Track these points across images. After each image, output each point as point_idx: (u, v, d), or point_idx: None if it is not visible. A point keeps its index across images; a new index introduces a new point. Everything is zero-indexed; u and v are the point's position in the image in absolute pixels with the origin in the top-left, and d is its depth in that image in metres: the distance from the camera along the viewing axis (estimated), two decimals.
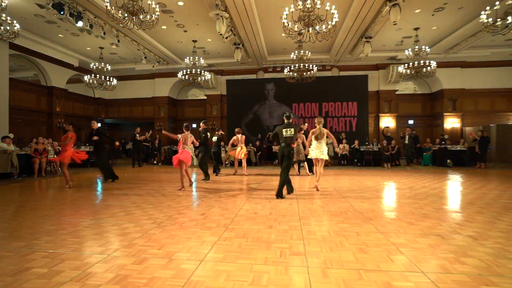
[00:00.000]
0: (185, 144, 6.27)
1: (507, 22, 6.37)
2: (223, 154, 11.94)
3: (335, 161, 12.89)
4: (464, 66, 14.48)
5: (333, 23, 7.36)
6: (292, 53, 11.63)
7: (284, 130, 5.31)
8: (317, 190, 5.87)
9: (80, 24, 8.90)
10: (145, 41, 12.10)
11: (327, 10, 7.16)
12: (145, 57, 13.02)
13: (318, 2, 6.82)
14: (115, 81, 13.43)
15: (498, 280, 2.04)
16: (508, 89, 14.66)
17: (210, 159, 9.08)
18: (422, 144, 12.83)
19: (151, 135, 13.60)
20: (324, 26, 7.40)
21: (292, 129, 5.29)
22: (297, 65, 11.71)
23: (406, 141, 12.11)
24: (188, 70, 12.43)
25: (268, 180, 7.60)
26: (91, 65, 12.69)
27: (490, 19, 6.79)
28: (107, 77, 13.10)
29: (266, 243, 2.80)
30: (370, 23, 10.41)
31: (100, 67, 12.40)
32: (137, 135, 11.96)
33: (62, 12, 8.17)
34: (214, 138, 9.25)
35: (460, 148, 11.93)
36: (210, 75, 13.72)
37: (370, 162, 11.90)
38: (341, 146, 12.22)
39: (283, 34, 8.29)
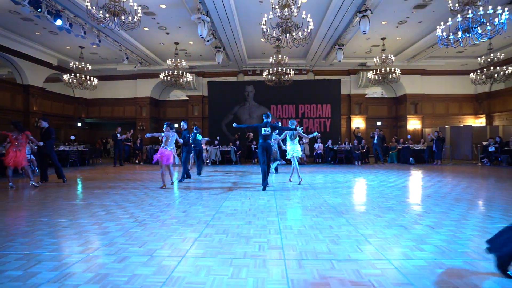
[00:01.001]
0: (166, 144, 6.13)
1: (458, 36, 6.81)
2: (204, 153, 11.77)
3: (311, 159, 13.16)
4: (424, 73, 15.34)
5: (309, 30, 7.50)
6: (271, 57, 11.72)
7: (263, 128, 5.79)
8: (299, 184, 6.39)
9: (58, 22, 8.36)
10: (126, 42, 11.66)
11: (303, 18, 7.28)
12: (127, 58, 12.55)
13: (295, 10, 6.92)
14: (96, 81, 12.81)
15: (450, 263, 2.18)
16: (459, 95, 15.78)
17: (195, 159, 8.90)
18: (388, 143, 13.43)
19: (132, 135, 13.13)
20: (300, 33, 7.53)
21: (269, 128, 5.79)
22: (275, 68, 11.81)
23: (375, 141, 12.63)
24: (170, 71, 12.14)
25: (247, 178, 7.61)
26: (70, 64, 12.02)
27: (444, 33, 7.23)
28: (88, 76, 12.47)
29: (246, 238, 2.80)
30: (342, 32, 10.73)
31: (80, 67, 11.78)
32: (118, 134, 11.51)
33: (39, 10, 7.64)
34: (199, 137, 9.03)
35: (421, 147, 12.63)
36: (192, 77, 13.49)
37: (343, 160, 12.28)
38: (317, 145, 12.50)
39: (262, 39, 8.31)
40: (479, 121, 15.51)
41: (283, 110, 15.23)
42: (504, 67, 11.27)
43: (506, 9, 6.63)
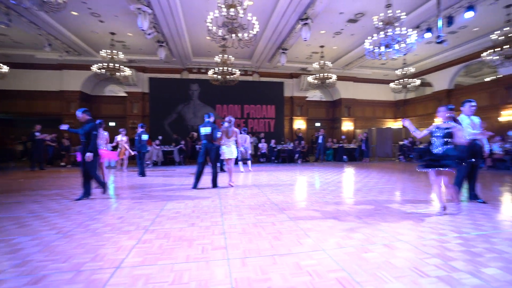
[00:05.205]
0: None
1: (381, 51, 7.86)
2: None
3: (255, 159, 13.46)
4: (356, 80, 17.18)
5: (254, 33, 7.67)
6: (217, 56, 11.61)
7: (202, 128, 5.70)
8: (232, 186, 6.04)
9: None
10: (49, 26, 10.08)
11: (248, 20, 7.40)
12: (50, 45, 10.86)
13: (241, 11, 6.99)
14: (6, 68, 10.76)
15: (373, 247, 2.49)
16: (383, 101, 18.19)
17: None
18: (325, 143, 14.63)
19: (57, 137, 11.45)
20: (246, 34, 7.63)
21: (209, 128, 5.65)
22: (221, 68, 11.74)
23: (320, 141, 13.60)
24: (105, 64, 10.97)
25: (191, 179, 7.36)
26: None
27: (371, 47, 8.23)
28: None
29: (188, 241, 2.70)
30: (286, 37, 11.26)
31: None
32: (38, 133, 9.89)
33: None
34: (146, 137, 8.36)
35: (353, 147, 14.13)
36: (131, 71, 12.43)
37: (286, 159, 12.90)
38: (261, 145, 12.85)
39: (208, 37, 8.17)
40: (397, 124, 18.11)
41: (228, 110, 15.24)
42: (415, 80, 13.46)
43: (415, 32, 7.91)
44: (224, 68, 11.70)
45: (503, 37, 9.05)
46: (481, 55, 10.00)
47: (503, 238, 2.75)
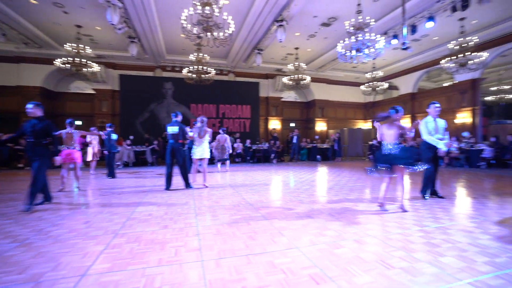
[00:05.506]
0: (66, 144, 5.46)
1: (352, 54, 8.21)
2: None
3: (231, 158, 13.38)
4: (329, 82, 17.76)
5: (230, 32, 7.62)
6: (191, 55, 11.38)
7: (170, 127, 5.57)
8: (206, 186, 5.99)
9: None
10: (2, 14, 9.17)
11: (224, 19, 7.34)
12: (4, 34, 9.92)
13: (217, 10, 6.91)
14: None
15: (344, 243, 2.60)
16: (354, 103, 19.00)
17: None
18: (300, 143, 14.96)
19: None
20: (221, 33, 7.56)
21: (177, 127, 5.54)
22: (196, 67, 11.52)
23: (295, 141, 13.84)
24: (70, 58, 10.27)
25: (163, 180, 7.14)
26: None
27: (343, 50, 8.57)
28: None
29: (161, 244, 2.62)
30: (261, 38, 11.33)
31: None
32: None
33: None
34: (115, 136, 7.94)
35: (326, 146, 14.60)
36: (99, 67, 11.77)
37: (261, 159, 12.99)
38: (236, 145, 12.82)
39: (182, 35, 7.98)
40: (367, 125, 19.03)
41: (203, 110, 15.01)
42: (383, 83, 14.23)
43: (383, 38, 8.38)
44: (199, 67, 11.50)
45: (458, 46, 9.90)
46: (440, 62, 10.82)
47: (457, 229, 3.01)
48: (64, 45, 10.32)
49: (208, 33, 7.30)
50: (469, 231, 2.93)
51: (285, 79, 13.66)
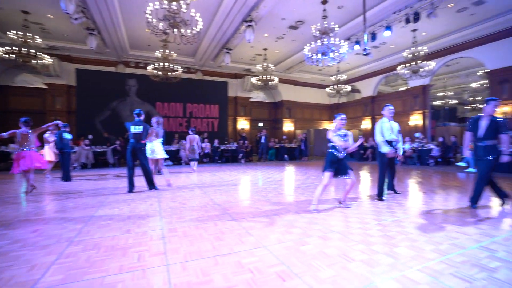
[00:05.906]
0: (23, 145, 5.12)
1: (318, 57, 8.55)
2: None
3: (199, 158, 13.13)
4: (296, 84, 18.27)
5: (198, 30, 7.46)
6: (157, 51, 10.93)
7: (133, 126, 5.38)
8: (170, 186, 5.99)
9: None
10: None
11: (192, 16, 7.17)
12: None
13: (184, 6, 6.71)
14: None
15: (309, 239, 2.69)
16: (320, 104, 19.79)
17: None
18: (268, 143, 15.17)
19: None
20: (189, 31, 7.37)
21: (141, 126, 5.39)
22: (162, 64, 11.08)
23: (263, 141, 13.94)
24: (15, 48, 9.22)
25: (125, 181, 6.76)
26: None
27: (309, 53, 8.87)
28: None
29: (122, 249, 2.48)
30: (230, 37, 11.27)
31: None
32: None
33: None
34: (69, 136, 7.25)
35: (293, 146, 14.99)
36: (52, 60, 10.74)
37: (229, 159, 12.93)
38: (203, 144, 12.59)
39: (147, 30, 7.62)
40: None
41: (170, 109, 14.50)
42: (346, 86, 15.03)
43: (346, 43, 8.85)
44: (166, 64, 11.08)
45: (411, 55, 10.85)
46: (396, 68, 11.75)
47: (410, 221, 3.29)
48: (8, 33, 9.24)
49: (175, 30, 7.07)
50: (419, 223, 3.22)
51: (253, 79, 13.74)
